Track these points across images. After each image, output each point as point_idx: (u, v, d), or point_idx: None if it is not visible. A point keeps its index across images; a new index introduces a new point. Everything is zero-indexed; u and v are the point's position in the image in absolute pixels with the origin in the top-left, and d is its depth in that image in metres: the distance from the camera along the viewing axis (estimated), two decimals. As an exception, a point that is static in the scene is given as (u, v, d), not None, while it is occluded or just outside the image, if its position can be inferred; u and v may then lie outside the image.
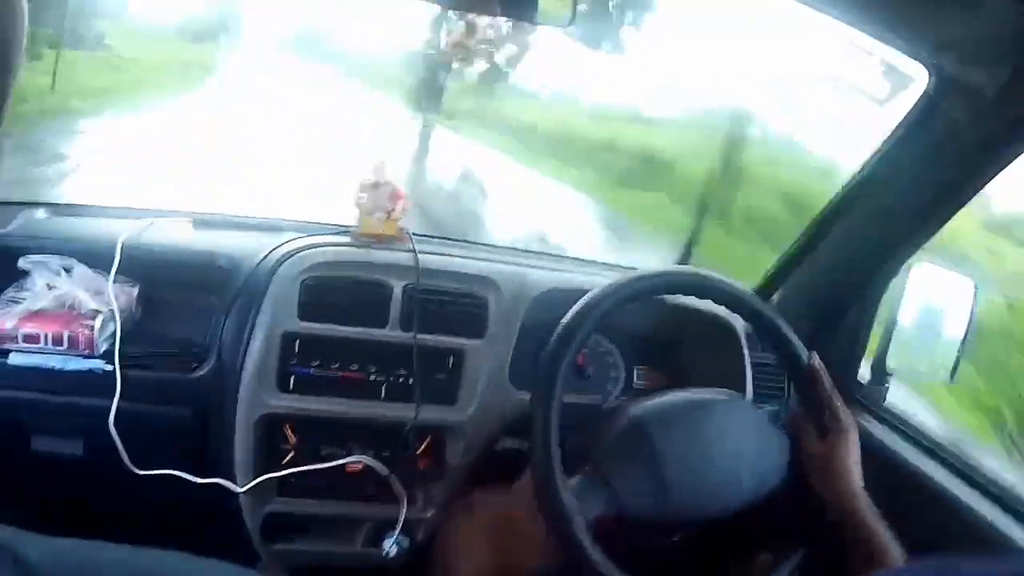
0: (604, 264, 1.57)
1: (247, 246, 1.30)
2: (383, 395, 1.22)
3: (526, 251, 1.53)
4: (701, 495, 0.94)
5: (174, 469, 1.14)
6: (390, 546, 1.22)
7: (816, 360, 1.02)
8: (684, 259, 4.69)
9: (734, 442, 0.97)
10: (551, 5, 0.95)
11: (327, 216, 1.48)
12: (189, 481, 1.16)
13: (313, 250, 1.24)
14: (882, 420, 1.32)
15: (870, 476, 1.00)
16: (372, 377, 1.22)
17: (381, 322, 1.21)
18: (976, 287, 1.32)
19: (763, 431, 1.00)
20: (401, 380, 1.22)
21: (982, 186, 1.13)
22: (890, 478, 1.20)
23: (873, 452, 1.23)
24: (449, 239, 1.47)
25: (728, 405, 1.03)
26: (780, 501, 0.99)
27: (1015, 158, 1.06)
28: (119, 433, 1.12)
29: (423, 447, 1.25)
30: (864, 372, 1.42)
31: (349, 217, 1.37)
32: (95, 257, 1.22)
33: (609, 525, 0.90)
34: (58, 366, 1.12)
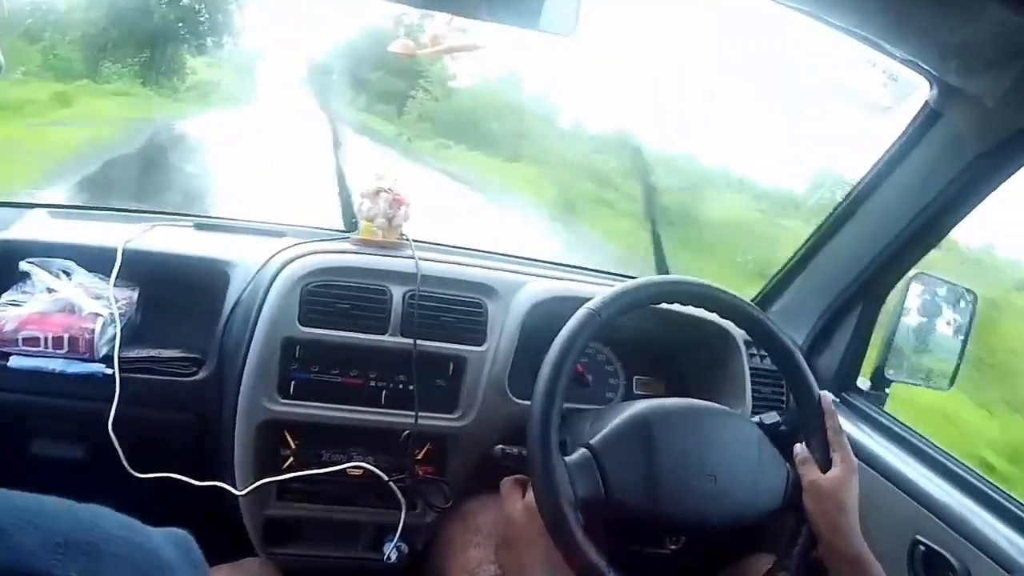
0: (604, 272, 1.57)
1: (248, 251, 1.30)
2: (383, 401, 1.21)
3: (526, 259, 1.53)
4: (690, 499, 0.94)
5: (173, 472, 1.14)
6: (389, 551, 1.22)
7: (828, 398, 1.03)
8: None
9: (734, 456, 0.98)
10: (555, 11, 0.95)
11: (329, 222, 1.48)
12: (188, 484, 1.16)
13: (314, 256, 1.24)
14: (880, 428, 1.32)
15: (865, 482, 1.00)
16: (372, 383, 1.22)
17: (381, 328, 1.21)
18: (975, 297, 1.32)
19: (764, 454, 1.00)
20: (401, 387, 1.22)
21: (984, 197, 1.13)
22: (887, 485, 1.20)
23: (871, 460, 1.23)
24: (450, 246, 1.47)
25: (735, 421, 1.04)
26: (771, 526, 0.99)
27: (1018, 168, 1.07)
28: (119, 436, 1.12)
29: (423, 453, 1.24)
30: (863, 380, 1.42)
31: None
32: (96, 260, 1.22)
33: (599, 517, 0.90)
34: (58, 369, 1.12)
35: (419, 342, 1.20)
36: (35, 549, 0.38)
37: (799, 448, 1.01)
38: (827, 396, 1.03)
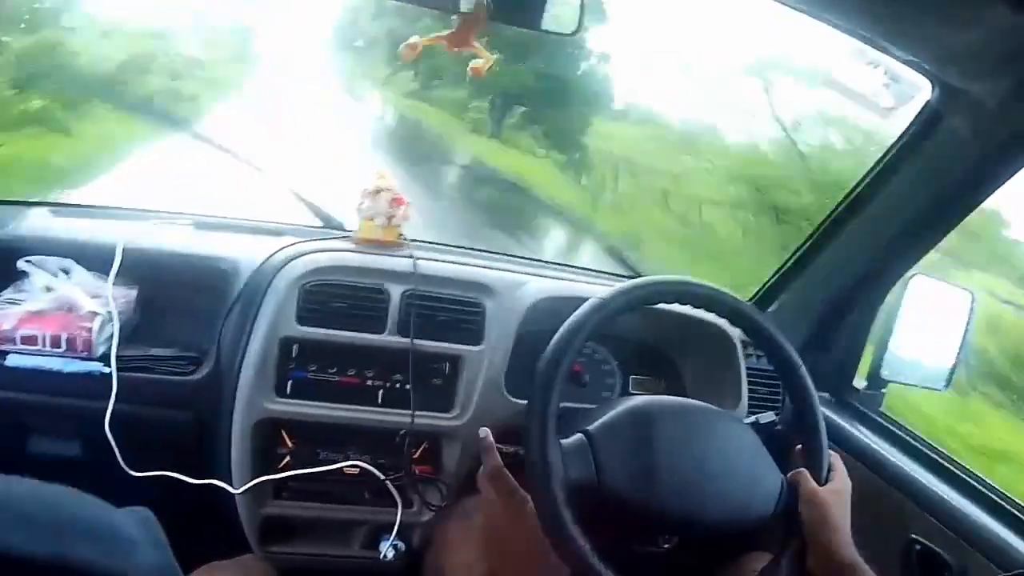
0: (603, 273, 1.57)
1: (247, 250, 1.30)
2: (380, 400, 1.22)
3: (524, 258, 1.53)
4: (682, 495, 0.94)
5: (170, 471, 1.15)
6: (386, 550, 1.22)
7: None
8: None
9: (729, 459, 0.98)
10: (557, 11, 0.95)
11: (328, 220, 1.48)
12: (185, 483, 1.16)
13: (313, 255, 1.24)
14: (877, 427, 1.33)
15: (861, 481, 1.01)
16: (369, 382, 1.22)
17: (379, 327, 1.21)
18: (974, 299, 1.32)
19: (760, 460, 1.00)
20: (398, 386, 1.22)
21: (984, 198, 1.13)
22: (882, 485, 1.21)
23: (866, 459, 1.24)
24: (448, 245, 1.47)
25: (734, 425, 1.03)
26: (761, 531, 1.00)
27: (1018, 170, 1.06)
28: (116, 435, 1.12)
29: (419, 452, 1.25)
30: (860, 380, 1.42)
31: (350, 222, 1.37)
32: (95, 258, 1.22)
33: (589, 504, 0.90)
34: (56, 368, 1.12)
35: (416, 341, 1.20)
36: (3, 527, 0.38)
37: (796, 459, 1.01)
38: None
